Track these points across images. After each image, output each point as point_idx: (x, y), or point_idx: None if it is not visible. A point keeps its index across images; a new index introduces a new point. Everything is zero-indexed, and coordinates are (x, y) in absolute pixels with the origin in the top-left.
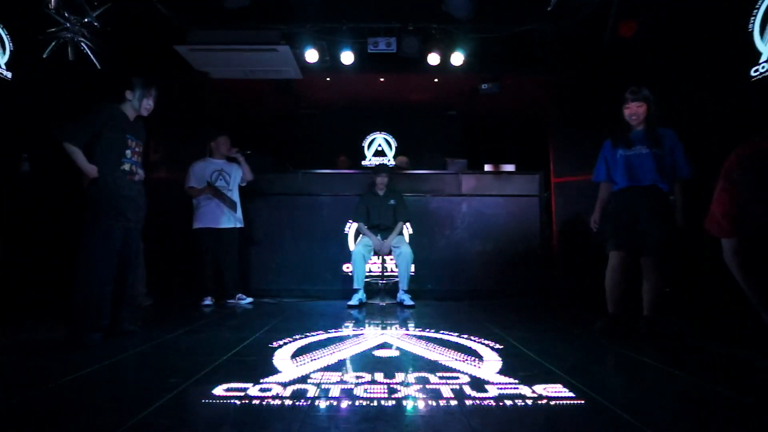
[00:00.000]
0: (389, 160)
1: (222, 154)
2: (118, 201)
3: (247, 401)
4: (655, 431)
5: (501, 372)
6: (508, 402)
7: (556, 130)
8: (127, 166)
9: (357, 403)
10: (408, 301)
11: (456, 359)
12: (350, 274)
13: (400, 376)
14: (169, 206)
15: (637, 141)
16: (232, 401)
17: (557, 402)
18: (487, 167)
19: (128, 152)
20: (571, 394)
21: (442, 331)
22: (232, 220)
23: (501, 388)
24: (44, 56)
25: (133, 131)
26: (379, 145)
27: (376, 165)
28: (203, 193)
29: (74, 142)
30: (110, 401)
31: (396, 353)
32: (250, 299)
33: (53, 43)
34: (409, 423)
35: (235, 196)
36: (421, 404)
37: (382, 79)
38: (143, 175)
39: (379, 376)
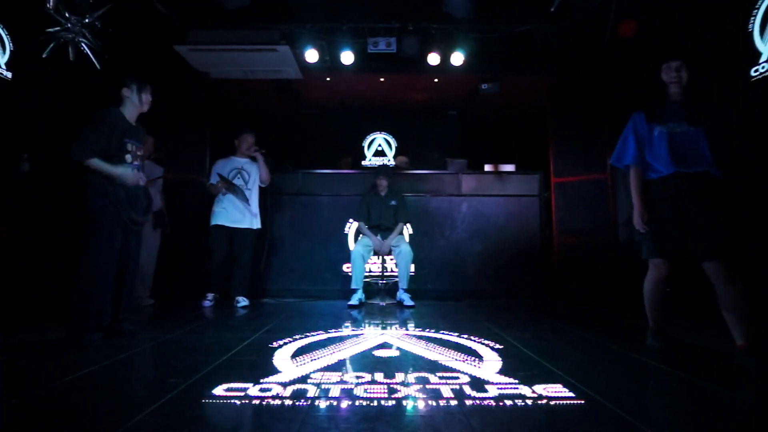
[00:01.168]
0: (389, 160)
1: (243, 152)
2: (119, 204)
3: (247, 401)
4: (655, 431)
5: (501, 372)
6: (508, 402)
7: (556, 130)
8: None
9: (357, 403)
10: (408, 301)
11: (456, 359)
12: (350, 274)
13: (400, 376)
14: (170, 207)
15: (680, 115)
16: (232, 401)
17: (557, 402)
18: (487, 167)
19: (128, 157)
20: (571, 394)
21: (442, 331)
22: (248, 220)
23: (501, 388)
24: (44, 56)
25: (131, 134)
26: (379, 145)
27: (377, 166)
28: (219, 189)
29: (86, 156)
30: (110, 401)
31: (396, 353)
32: (246, 302)
33: (53, 43)
34: (409, 423)
35: (254, 195)
36: (421, 404)
37: (382, 79)
38: (145, 177)
39: (379, 376)
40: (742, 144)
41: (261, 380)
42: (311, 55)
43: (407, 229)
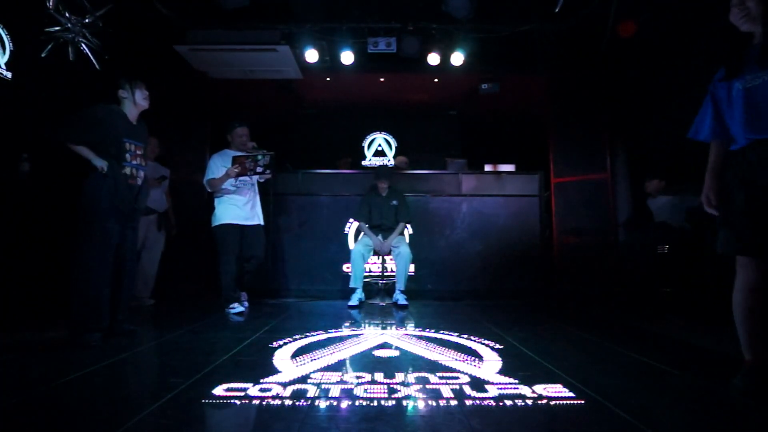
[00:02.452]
0: (389, 160)
1: (237, 147)
2: (118, 202)
3: (247, 401)
4: (655, 431)
5: (501, 372)
6: (508, 402)
7: (556, 130)
8: (127, 170)
9: (357, 403)
10: (402, 301)
11: (456, 359)
12: (350, 273)
13: (400, 376)
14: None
15: (761, 61)
16: (232, 401)
17: (557, 402)
18: (487, 167)
19: (128, 156)
20: (571, 394)
21: (442, 331)
22: (257, 216)
23: (501, 388)
24: (43, 56)
25: (132, 134)
26: (379, 145)
27: (377, 167)
28: (227, 179)
29: (76, 141)
30: (110, 401)
31: (396, 353)
32: (241, 309)
33: (52, 43)
34: (409, 423)
35: (256, 190)
36: (421, 404)
37: (382, 79)
38: (144, 177)
39: (379, 376)
40: None
41: (261, 380)
42: (311, 55)
43: (408, 229)
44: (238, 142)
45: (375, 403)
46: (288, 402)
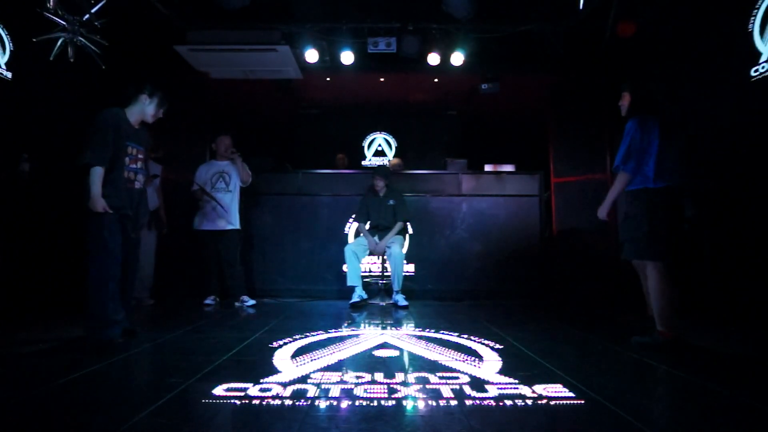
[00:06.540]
0: (389, 161)
1: (221, 155)
2: (120, 206)
3: (247, 401)
4: (655, 431)
5: (501, 372)
6: (508, 402)
7: (556, 130)
8: (127, 174)
9: (357, 403)
10: (402, 302)
11: (456, 359)
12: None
13: (400, 376)
14: (171, 206)
15: None
16: (232, 401)
17: (557, 402)
18: (487, 167)
19: (127, 159)
20: (571, 394)
21: (442, 331)
22: (226, 222)
23: (501, 388)
24: (51, 58)
25: (134, 137)
26: (379, 145)
27: (376, 166)
28: (200, 197)
29: (103, 163)
30: (110, 401)
31: (396, 353)
32: (252, 302)
33: (59, 44)
34: (409, 423)
35: (236, 197)
36: (421, 404)
37: (382, 79)
38: (143, 180)
39: (379, 376)
40: (742, 144)
41: (261, 380)
42: (311, 55)
43: (408, 229)
44: (222, 149)
45: (375, 403)
46: (288, 402)
